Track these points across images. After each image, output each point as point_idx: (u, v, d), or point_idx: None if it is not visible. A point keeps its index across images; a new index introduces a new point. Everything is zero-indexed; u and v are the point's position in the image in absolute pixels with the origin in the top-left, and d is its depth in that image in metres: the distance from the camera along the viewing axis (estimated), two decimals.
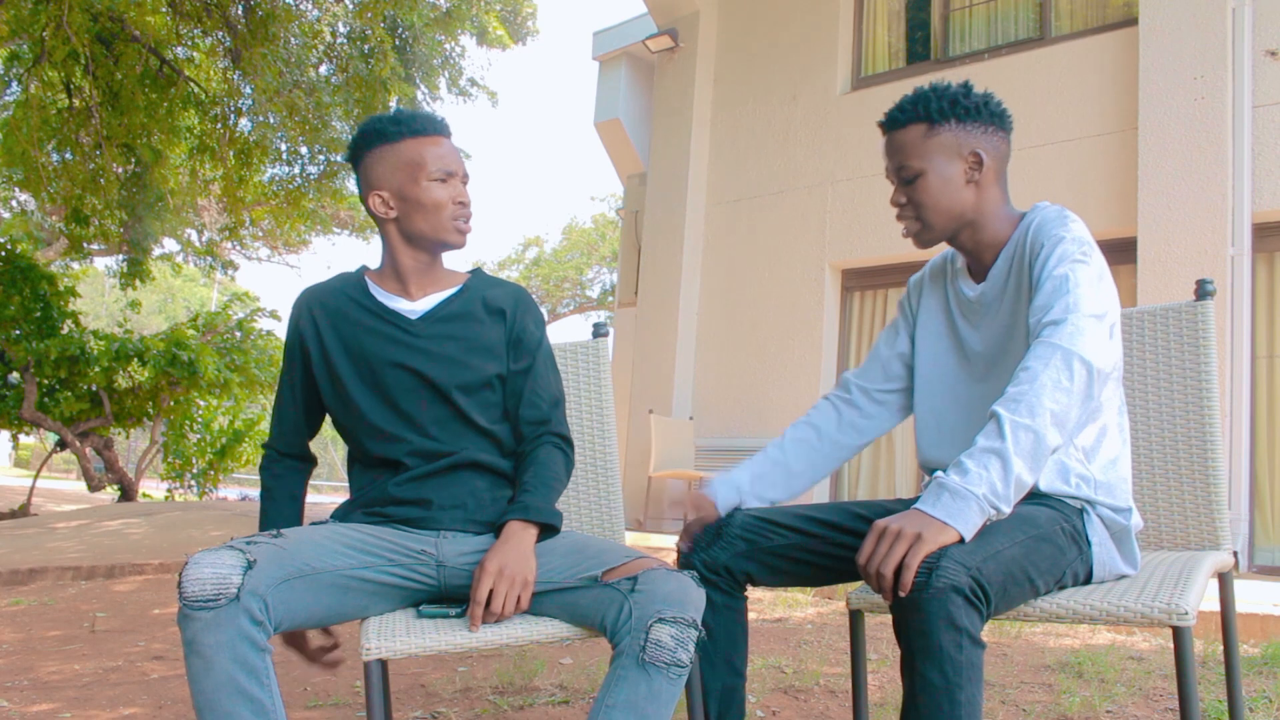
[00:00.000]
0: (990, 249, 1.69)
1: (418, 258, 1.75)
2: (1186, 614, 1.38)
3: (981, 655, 1.32)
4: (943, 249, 1.81)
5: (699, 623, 1.44)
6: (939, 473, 1.41)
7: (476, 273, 1.84)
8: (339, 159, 9.83)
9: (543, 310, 2.09)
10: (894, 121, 1.67)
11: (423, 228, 1.71)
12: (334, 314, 1.75)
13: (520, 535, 1.57)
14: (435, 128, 1.72)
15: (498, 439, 1.74)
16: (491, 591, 1.50)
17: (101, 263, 17.76)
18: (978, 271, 1.73)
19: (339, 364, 1.72)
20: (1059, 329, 1.46)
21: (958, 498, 1.36)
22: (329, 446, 28.05)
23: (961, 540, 1.35)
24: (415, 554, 1.63)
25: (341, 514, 1.73)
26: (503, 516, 1.62)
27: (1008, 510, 1.38)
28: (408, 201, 1.70)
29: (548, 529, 1.63)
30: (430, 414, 1.70)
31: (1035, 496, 1.59)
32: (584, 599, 1.51)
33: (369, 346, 1.71)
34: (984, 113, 1.64)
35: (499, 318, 1.76)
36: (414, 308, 1.74)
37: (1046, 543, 1.49)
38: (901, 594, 1.32)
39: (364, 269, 1.81)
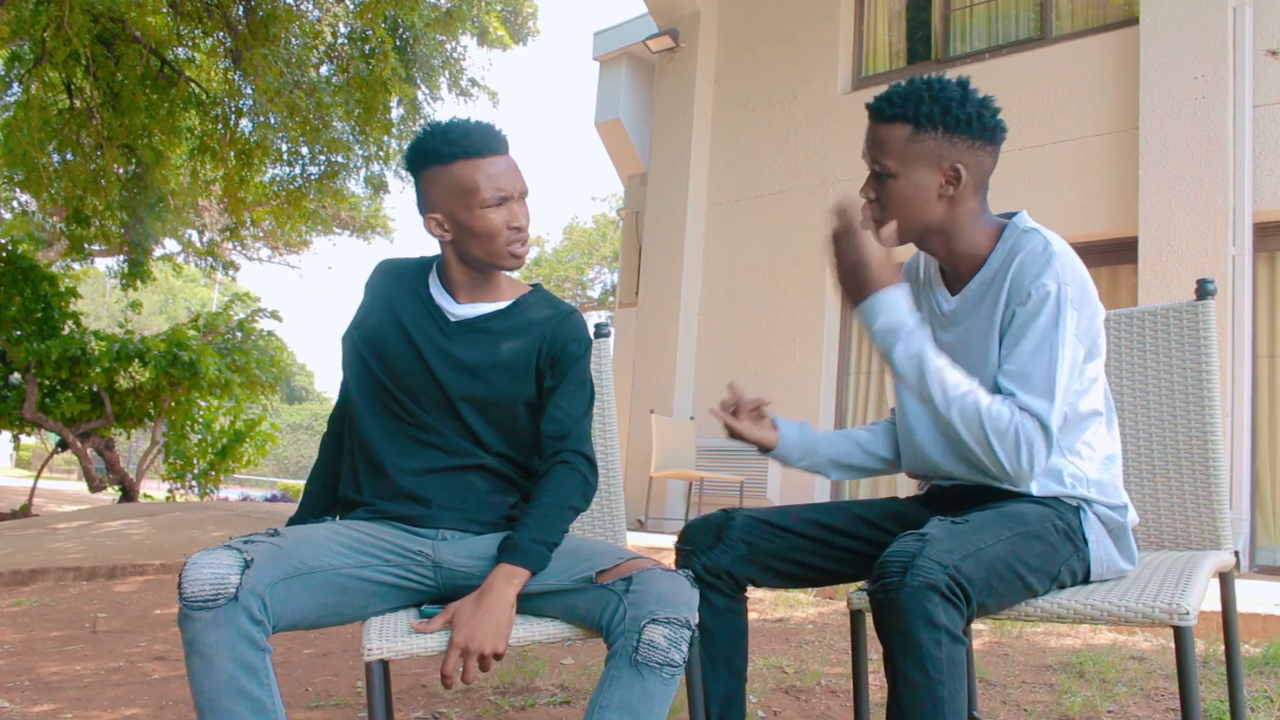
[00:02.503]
0: (965, 260, 1.64)
1: (469, 274, 1.73)
2: (1188, 614, 1.38)
3: (963, 652, 1.33)
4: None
5: (692, 623, 1.44)
6: (904, 316, 1.53)
7: (536, 289, 1.82)
8: (339, 159, 9.83)
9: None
10: (879, 113, 1.60)
11: (477, 253, 1.68)
12: (392, 290, 1.76)
13: (502, 589, 1.50)
14: (490, 147, 1.65)
15: (505, 457, 1.72)
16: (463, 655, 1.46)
17: (102, 263, 17.75)
18: (952, 280, 1.69)
19: (372, 336, 1.72)
20: (1036, 433, 1.48)
21: (885, 319, 1.54)
22: None
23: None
24: (412, 555, 1.62)
25: (346, 506, 1.73)
26: (499, 550, 1.57)
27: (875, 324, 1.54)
28: (461, 227, 1.66)
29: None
30: (437, 418, 1.69)
31: (1029, 496, 1.58)
32: (581, 600, 1.51)
33: (400, 334, 1.71)
34: (975, 126, 1.55)
35: (537, 339, 1.72)
36: (457, 311, 1.73)
37: (1036, 539, 1.48)
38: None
39: (437, 259, 1.80)
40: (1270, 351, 5.55)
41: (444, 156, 1.64)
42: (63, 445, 11.35)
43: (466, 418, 1.69)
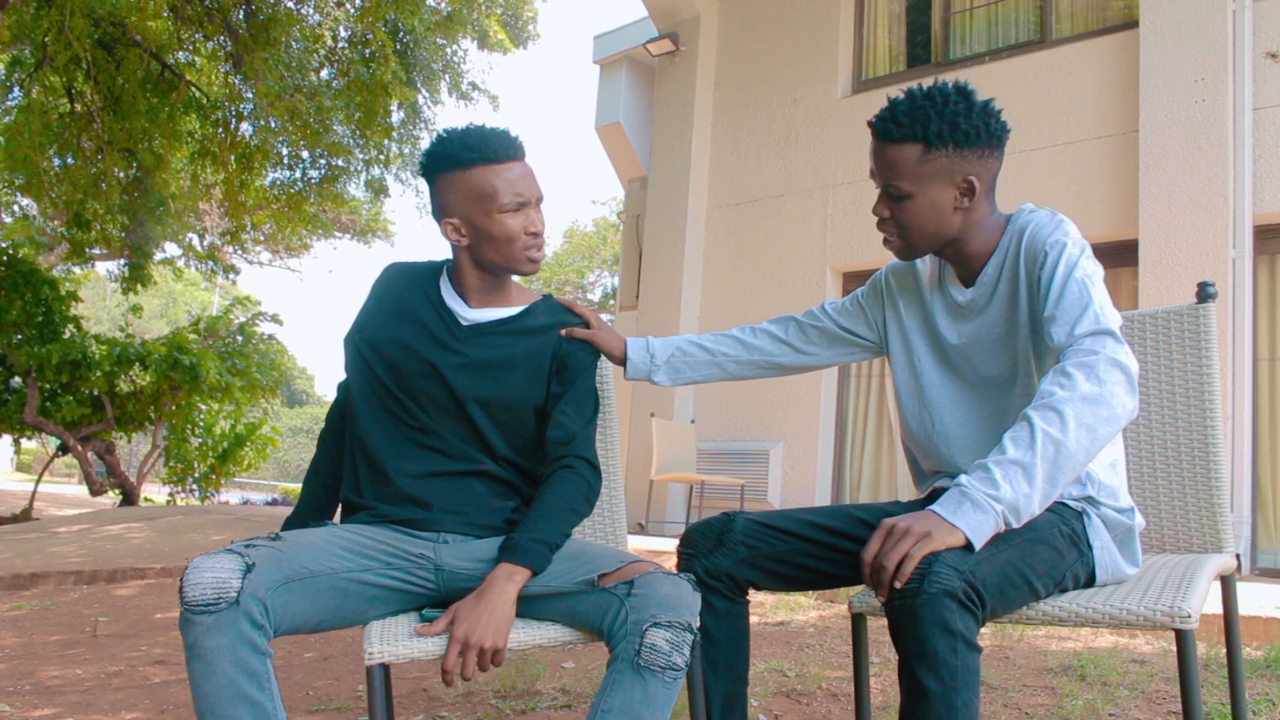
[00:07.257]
0: (977, 258, 1.67)
1: (484, 279, 1.75)
2: (1189, 617, 1.38)
3: (978, 659, 1.32)
4: None
5: (694, 626, 1.44)
6: (963, 477, 1.39)
7: (547, 299, 1.83)
8: (340, 163, 9.85)
9: None
10: (887, 134, 1.58)
11: (494, 258, 1.70)
12: (403, 293, 1.77)
13: (502, 586, 1.50)
14: (509, 152, 1.67)
15: (509, 461, 1.72)
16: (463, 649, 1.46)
17: (103, 267, 17.78)
18: (965, 276, 1.71)
19: (378, 338, 1.72)
20: (1100, 339, 1.44)
21: (979, 509, 1.35)
22: None
23: (970, 547, 1.34)
24: (414, 558, 1.62)
25: (346, 510, 1.73)
26: (499, 549, 1.57)
27: (1018, 524, 1.39)
28: (479, 232, 1.68)
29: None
30: (441, 422, 1.69)
31: None
32: (582, 603, 1.51)
33: (411, 338, 1.71)
34: (983, 136, 1.56)
35: (548, 346, 1.74)
36: (469, 315, 1.74)
37: (1044, 545, 1.48)
38: (898, 585, 1.31)
39: (448, 263, 1.80)
40: (1271, 354, 5.55)
41: (463, 162, 1.65)
42: (63, 449, 11.35)
43: (476, 420, 1.69)
